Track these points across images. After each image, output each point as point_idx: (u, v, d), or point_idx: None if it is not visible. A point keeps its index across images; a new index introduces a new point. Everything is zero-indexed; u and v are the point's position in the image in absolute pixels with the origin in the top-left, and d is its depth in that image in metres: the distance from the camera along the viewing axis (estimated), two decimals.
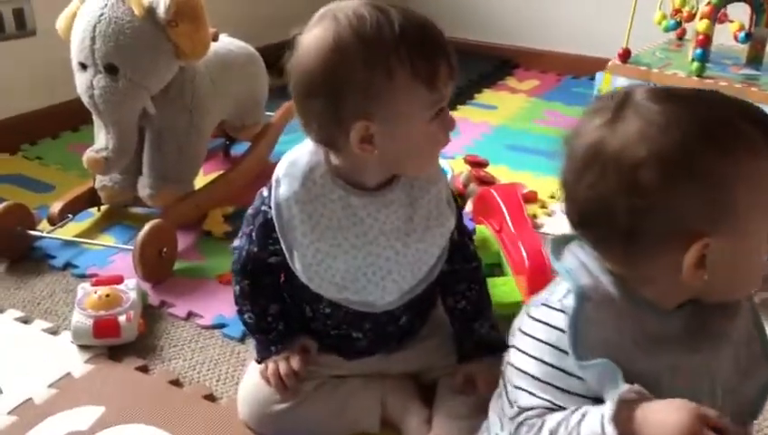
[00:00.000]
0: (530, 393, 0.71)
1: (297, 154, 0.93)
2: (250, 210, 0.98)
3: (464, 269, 1.02)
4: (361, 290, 0.93)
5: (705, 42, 1.54)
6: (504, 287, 1.35)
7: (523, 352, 0.73)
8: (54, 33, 1.53)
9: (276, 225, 0.91)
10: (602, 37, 2.78)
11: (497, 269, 1.48)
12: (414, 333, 1.06)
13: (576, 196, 0.68)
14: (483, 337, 1.03)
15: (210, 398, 1.15)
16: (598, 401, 0.68)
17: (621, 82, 1.62)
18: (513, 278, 1.38)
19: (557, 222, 1.70)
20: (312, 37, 0.82)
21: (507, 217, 1.47)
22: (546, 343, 0.70)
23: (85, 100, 1.46)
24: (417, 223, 0.92)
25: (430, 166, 0.92)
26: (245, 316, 1.03)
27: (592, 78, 2.67)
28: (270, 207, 0.92)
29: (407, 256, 0.93)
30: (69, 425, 1.08)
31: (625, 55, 1.60)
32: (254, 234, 0.97)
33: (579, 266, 0.72)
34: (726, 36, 1.68)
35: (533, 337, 0.72)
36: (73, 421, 1.08)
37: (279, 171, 0.93)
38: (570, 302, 0.69)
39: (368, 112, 0.81)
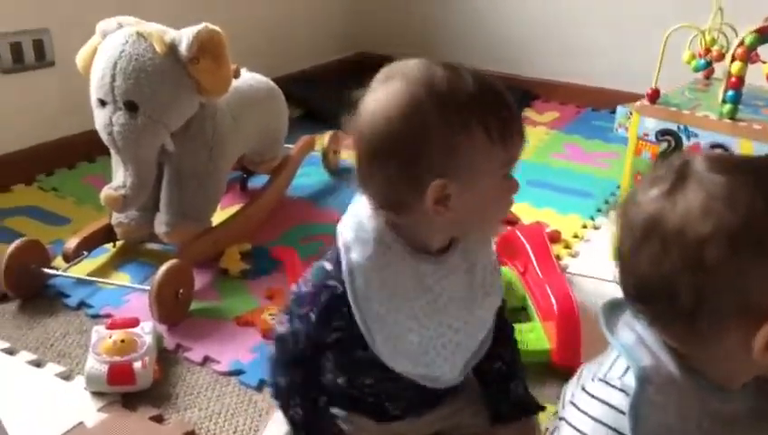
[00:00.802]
0: None
1: (359, 217, 0.85)
2: (306, 288, 0.86)
3: (500, 334, 0.98)
4: (430, 364, 0.87)
5: (738, 84, 1.50)
6: (531, 334, 1.31)
7: (576, 429, 0.68)
8: (73, 64, 1.51)
9: (350, 295, 0.82)
10: (622, 70, 2.77)
11: (522, 314, 1.44)
12: (448, 394, 1.01)
13: (634, 269, 0.64)
14: (519, 398, 0.98)
15: None
16: None
17: (650, 123, 1.58)
18: (540, 324, 1.34)
19: (582, 263, 1.66)
20: (383, 98, 0.77)
21: (533, 260, 1.44)
22: (603, 423, 0.65)
23: (104, 136, 1.44)
24: (477, 289, 0.87)
25: (497, 226, 0.89)
26: (292, 412, 0.92)
27: (613, 111, 2.67)
28: (338, 282, 0.83)
29: (473, 326, 0.88)
30: None
31: (654, 96, 1.56)
32: (313, 315, 0.85)
33: (637, 343, 0.67)
34: (756, 76, 1.64)
35: (589, 415, 0.67)
36: None
37: (346, 236, 0.84)
38: (630, 381, 0.65)
39: (445, 172, 0.76)
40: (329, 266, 0.84)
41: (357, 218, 0.84)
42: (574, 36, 2.86)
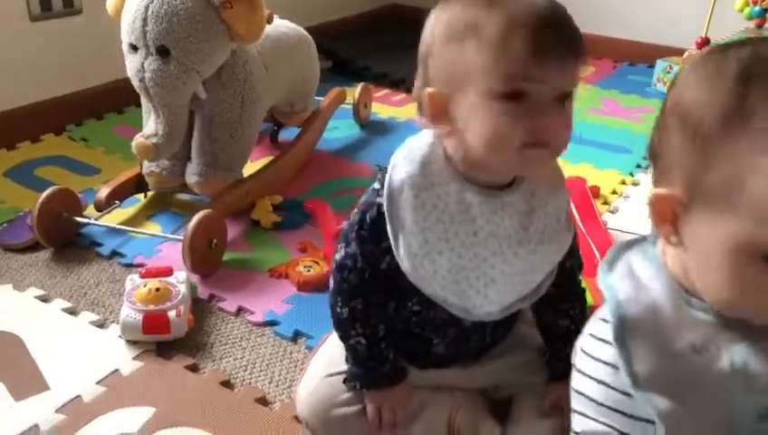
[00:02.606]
0: (588, 417, 0.65)
1: (417, 141, 0.86)
2: (359, 208, 0.88)
3: (570, 292, 0.95)
4: (461, 293, 0.85)
5: None
6: None
7: (582, 373, 0.66)
8: (101, 12, 1.48)
9: (386, 207, 0.83)
10: (660, 23, 2.67)
11: None
12: (496, 345, 0.99)
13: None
14: None
15: (263, 401, 1.10)
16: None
17: None
18: (583, 280, 1.31)
19: (621, 219, 1.61)
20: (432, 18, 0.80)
21: (576, 214, 1.39)
22: (605, 362, 0.63)
23: (135, 83, 1.41)
24: (532, 234, 0.84)
25: (514, 159, 0.77)
26: (353, 341, 0.92)
27: (650, 65, 2.59)
28: (383, 198, 0.84)
29: (514, 267, 0.85)
30: (119, 426, 1.03)
31: (703, 45, 1.49)
32: (364, 232, 0.86)
33: (625, 275, 0.64)
34: None
35: (592, 356, 0.65)
36: (123, 422, 1.04)
37: (397, 156, 0.85)
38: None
39: (438, 81, 0.78)
40: (377, 186, 0.86)
41: (412, 143, 0.86)
42: None
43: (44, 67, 1.95)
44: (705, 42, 1.48)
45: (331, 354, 1.00)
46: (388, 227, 0.83)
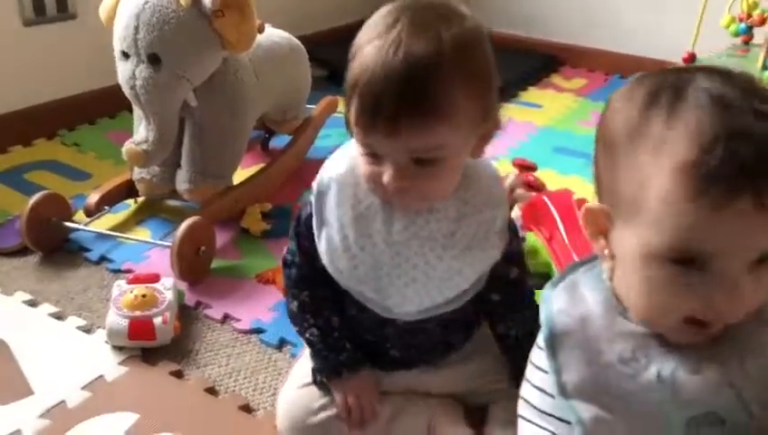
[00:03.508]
0: (531, 422, 0.68)
1: (351, 144, 0.88)
2: (298, 208, 0.94)
3: (517, 301, 0.96)
4: (381, 290, 0.88)
5: None
6: None
7: (526, 379, 0.70)
8: (95, 17, 1.48)
9: (314, 203, 0.88)
10: (651, 36, 2.69)
11: (546, 280, 1.41)
12: (454, 349, 1.00)
13: None
14: None
15: (246, 409, 1.10)
16: None
17: None
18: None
19: None
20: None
21: (561, 227, 1.40)
22: (541, 368, 0.67)
23: (126, 90, 1.42)
24: (458, 239, 0.86)
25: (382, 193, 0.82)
26: (308, 334, 0.96)
27: None
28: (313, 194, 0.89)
29: (436, 270, 0.86)
30: (102, 431, 1.04)
31: (690, 60, 1.51)
32: (300, 228, 0.92)
33: (566, 289, 0.66)
34: None
35: (532, 363, 0.69)
36: (107, 428, 1.05)
37: (330, 157, 0.91)
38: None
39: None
40: (313, 185, 0.90)
41: (346, 146, 0.90)
42: (603, 1, 2.78)
43: (37, 71, 1.96)
44: (692, 56, 1.50)
45: (305, 367, 1.01)
46: (314, 222, 0.88)
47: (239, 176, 1.67)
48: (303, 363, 1.01)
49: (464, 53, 0.75)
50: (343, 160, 0.88)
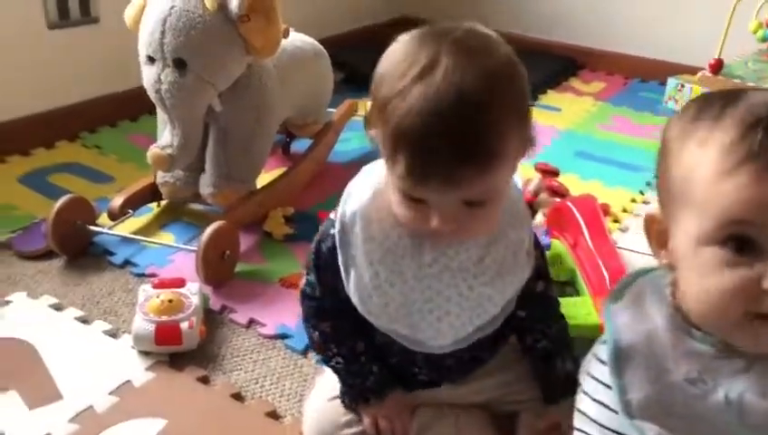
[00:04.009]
0: None
1: (374, 169, 0.85)
2: (317, 236, 0.88)
3: (543, 313, 0.94)
4: (413, 326, 0.85)
5: None
6: (581, 309, 1.28)
7: (584, 392, 0.68)
8: (117, 21, 1.49)
9: (338, 239, 0.83)
10: (672, 40, 2.68)
11: (569, 287, 1.40)
12: (481, 365, 0.99)
13: None
14: (568, 373, 0.94)
15: (273, 415, 1.10)
16: None
17: None
18: (590, 299, 1.31)
19: (631, 238, 1.61)
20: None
21: (586, 233, 1.40)
22: (603, 382, 0.65)
23: (152, 94, 1.42)
24: (488, 266, 0.84)
25: (414, 229, 0.79)
26: (333, 362, 0.94)
27: (661, 83, 2.59)
28: (336, 229, 0.84)
29: (469, 300, 0.84)
30: None
31: (717, 67, 1.50)
32: (321, 262, 0.88)
33: (629, 304, 0.66)
34: None
35: (592, 376, 0.67)
36: (136, 433, 1.05)
37: (351, 187, 0.86)
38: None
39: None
40: (332, 216, 0.86)
41: (367, 173, 0.85)
42: (623, 4, 2.77)
43: (60, 74, 1.97)
44: (719, 63, 1.48)
45: (334, 376, 0.99)
46: (340, 260, 0.83)
47: (261, 180, 1.67)
48: (330, 374, 1.01)
49: (512, 87, 0.72)
50: (366, 190, 0.83)
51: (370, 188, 0.83)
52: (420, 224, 0.75)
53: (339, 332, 0.92)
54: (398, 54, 0.73)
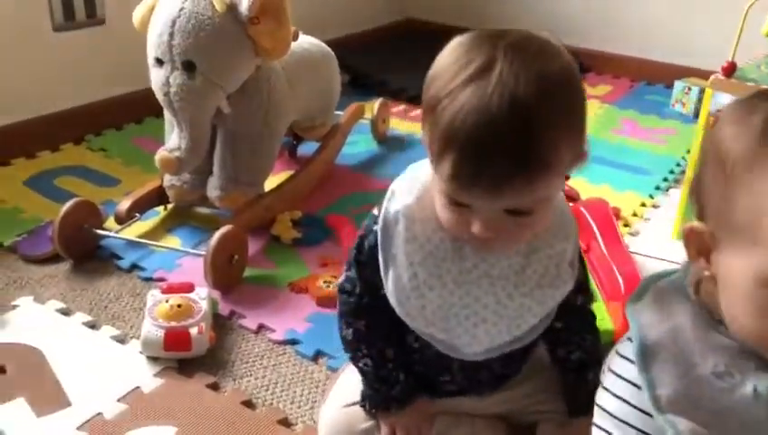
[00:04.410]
0: (607, 433, 0.67)
1: (419, 170, 0.84)
2: (360, 232, 0.88)
3: (580, 325, 0.93)
4: (449, 331, 0.84)
5: None
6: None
7: (605, 389, 0.69)
8: (124, 23, 1.48)
9: (380, 238, 0.82)
10: (678, 43, 2.66)
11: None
12: (510, 378, 0.97)
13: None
14: (597, 386, 0.93)
15: (285, 423, 1.09)
16: None
17: (725, 98, 1.49)
18: (603, 304, 1.30)
19: (642, 242, 1.60)
20: None
21: (599, 238, 1.38)
22: (626, 379, 0.66)
23: (160, 97, 1.41)
24: (529, 276, 0.82)
25: (459, 235, 0.78)
26: (361, 363, 0.93)
27: (668, 86, 2.58)
28: (378, 226, 0.83)
29: (507, 309, 0.83)
30: None
31: (730, 70, 1.48)
32: (363, 257, 0.87)
33: (651, 302, 0.66)
34: None
35: (615, 373, 0.68)
36: None
37: (395, 185, 0.84)
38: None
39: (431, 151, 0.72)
40: (376, 211, 0.85)
41: (413, 172, 0.84)
42: (629, 7, 2.76)
43: (65, 77, 1.96)
44: (732, 66, 1.47)
45: (350, 382, 0.98)
46: (380, 258, 0.82)
47: (268, 183, 1.65)
48: (348, 378, 0.99)
49: (568, 95, 0.69)
50: (411, 190, 0.81)
51: (416, 188, 0.81)
52: (462, 229, 0.74)
53: (373, 332, 0.90)
54: (451, 55, 0.70)
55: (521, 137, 0.65)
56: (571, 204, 1.56)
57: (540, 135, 0.66)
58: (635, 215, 1.76)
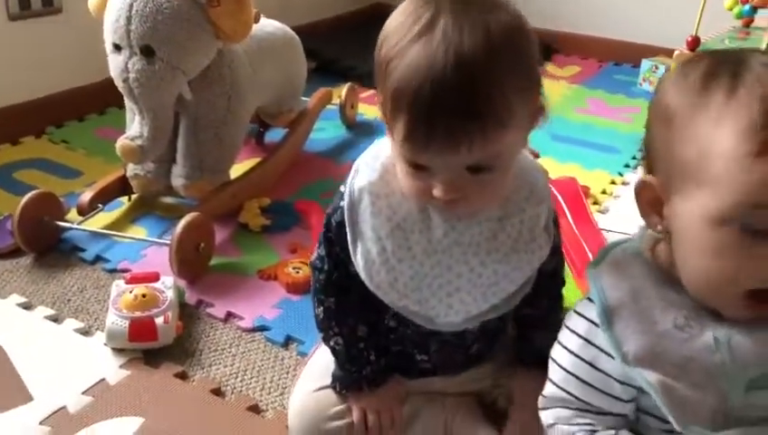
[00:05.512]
0: (555, 384, 0.71)
1: (382, 145, 0.83)
2: (327, 211, 0.87)
3: (547, 288, 0.91)
4: (423, 302, 0.83)
5: None
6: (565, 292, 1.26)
7: (559, 343, 0.72)
8: (81, 12, 1.44)
9: (346, 214, 0.81)
10: (644, 22, 2.68)
11: None
12: (484, 356, 0.96)
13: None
14: (545, 347, 0.89)
15: (255, 409, 1.07)
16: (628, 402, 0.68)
17: None
18: (574, 281, 1.29)
19: (612, 220, 1.60)
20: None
21: (568, 215, 1.38)
22: (578, 334, 0.70)
23: (119, 83, 1.37)
24: (502, 242, 0.81)
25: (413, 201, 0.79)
26: (332, 342, 0.91)
27: (635, 65, 2.59)
28: (344, 202, 0.82)
29: (481, 277, 0.81)
30: None
31: (694, 44, 1.49)
32: (331, 234, 0.86)
33: (609, 266, 0.69)
34: None
35: (569, 328, 0.71)
36: (112, 433, 1.01)
37: (359, 161, 0.84)
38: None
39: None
40: (342, 189, 0.84)
41: (377, 147, 0.84)
42: None
43: (23, 68, 1.91)
44: (696, 41, 1.47)
45: (320, 367, 0.97)
46: (348, 234, 0.82)
47: (235, 171, 1.63)
48: (317, 362, 0.97)
49: (515, 47, 0.68)
50: (374, 166, 0.81)
51: (378, 164, 0.81)
52: (425, 195, 0.73)
53: (342, 308, 0.89)
54: (400, 14, 0.71)
55: (468, 90, 0.65)
56: None
57: (488, 87, 0.66)
58: (604, 193, 1.76)
